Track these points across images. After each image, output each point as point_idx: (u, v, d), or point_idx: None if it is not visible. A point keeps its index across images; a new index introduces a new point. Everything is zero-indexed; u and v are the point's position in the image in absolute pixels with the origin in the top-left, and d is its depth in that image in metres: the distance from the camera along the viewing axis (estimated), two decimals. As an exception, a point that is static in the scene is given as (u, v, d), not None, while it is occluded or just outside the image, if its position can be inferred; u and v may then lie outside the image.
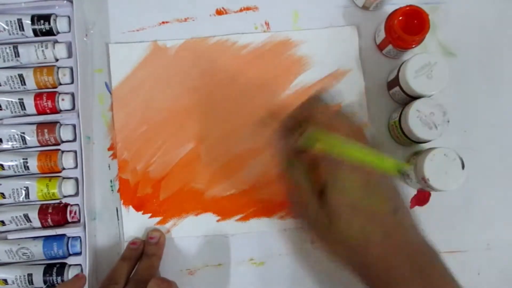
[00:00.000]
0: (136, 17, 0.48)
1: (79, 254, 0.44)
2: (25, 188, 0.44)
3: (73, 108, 0.45)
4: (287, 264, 0.45)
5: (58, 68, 0.46)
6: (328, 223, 0.32)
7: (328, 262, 0.45)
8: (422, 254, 0.32)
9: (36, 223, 0.43)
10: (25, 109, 0.45)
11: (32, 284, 0.42)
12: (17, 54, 0.45)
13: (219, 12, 0.48)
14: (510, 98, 0.47)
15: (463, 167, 0.40)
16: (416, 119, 0.41)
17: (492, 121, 0.47)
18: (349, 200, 0.31)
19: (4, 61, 0.45)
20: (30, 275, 0.42)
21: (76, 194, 0.45)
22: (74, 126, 0.45)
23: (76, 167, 0.45)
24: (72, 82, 0.46)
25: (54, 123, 0.45)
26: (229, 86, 0.47)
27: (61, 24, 0.46)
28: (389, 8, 0.45)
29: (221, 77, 0.47)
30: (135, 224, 0.45)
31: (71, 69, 0.46)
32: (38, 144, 0.45)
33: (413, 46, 0.44)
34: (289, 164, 0.35)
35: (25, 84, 0.45)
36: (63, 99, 0.45)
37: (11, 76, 0.45)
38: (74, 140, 0.45)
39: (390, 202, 0.32)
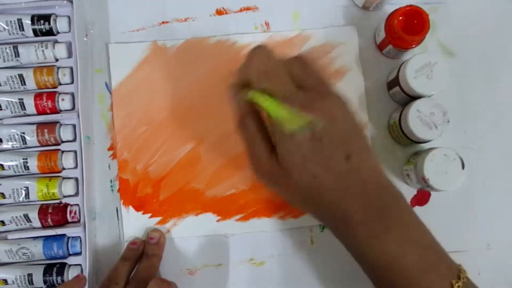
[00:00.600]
0: (136, 17, 0.48)
1: (79, 254, 0.44)
2: (25, 188, 0.44)
3: (73, 108, 0.45)
4: (287, 264, 0.45)
5: (58, 68, 0.46)
6: (282, 176, 0.33)
7: (328, 262, 0.45)
8: (379, 196, 0.32)
9: (36, 223, 0.43)
10: (25, 109, 0.45)
11: (32, 284, 0.42)
12: (17, 54, 0.45)
13: (219, 12, 0.48)
14: (510, 98, 0.47)
15: (463, 167, 0.40)
16: (416, 119, 0.41)
17: (492, 121, 0.47)
18: (296, 154, 0.32)
19: (4, 61, 0.45)
20: (30, 275, 0.42)
21: (76, 194, 0.45)
22: (74, 126, 0.45)
23: (76, 167, 0.45)
24: (72, 82, 0.46)
25: (54, 123, 0.45)
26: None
27: (61, 24, 0.46)
28: (389, 8, 0.45)
29: (221, 77, 0.47)
30: (135, 224, 0.45)
31: (71, 69, 0.46)
32: (38, 144, 0.45)
33: (413, 46, 0.44)
34: (243, 122, 0.35)
35: (25, 84, 0.45)
36: (63, 99, 0.45)
37: (11, 76, 0.45)
38: (74, 140, 0.45)
39: (340, 149, 0.31)
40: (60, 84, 0.46)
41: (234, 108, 0.36)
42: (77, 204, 0.44)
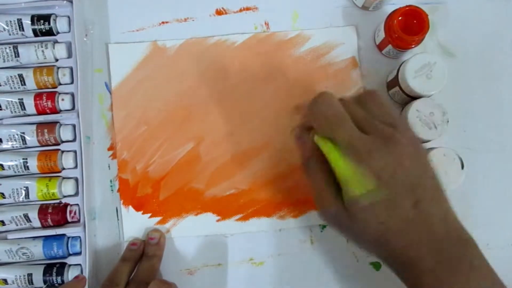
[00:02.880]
0: (136, 17, 0.48)
1: (79, 254, 0.44)
2: (25, 188, 0.44)
3: (73, 108, 0.45)
4: (287, 264, 0.45)
5: (58, 68, 0.46)
6: (348, 219, 0.32)
7: (328, 262, 0.45)
8: (449, 244, 0.31)
9: (36, 223, 0.43)
10: (25, 109, 0.45)
11: (32, 284, 0.42)
12: (17, 54, 0.45)
13: (219, 12, 0.48)
14: (510, 98, 0.47)
15: (462, 167, 0.40)
16: (415, 119, 0.41)
17: (492, 121, 0.47)
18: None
19: (4, 61, 0.45)
20: (30, 275, 0.42)
21: (76, 194, 0.45)
22: (74, 126, 0.45)
23: (76, 167, 0.45)
24: (72, 82, 0.46)
25: (54, 123, 0.45)
26: (228, 86, 0.47)
27: (61, 24, 0.46)
28: (388, 8, 0.45)
29: (220, 77, 0.47)
30: (135, 224, 0.45)
31: (71, 69, 0.46)
32: (38, 144, 0.45)
33: (413, 46, 0.44)
34: (307, 163, 0.35)
35: (25, 84, 0.45)
36: (63, 99, 0.45)
37: (11, 76, 0.45)
38: (74, 140, 0.45)
39: (409, 196, 0.31)
40: (60, 84, 0.46)
41: (299, 148, 0.36)
42: (77, 204, 0.44)
